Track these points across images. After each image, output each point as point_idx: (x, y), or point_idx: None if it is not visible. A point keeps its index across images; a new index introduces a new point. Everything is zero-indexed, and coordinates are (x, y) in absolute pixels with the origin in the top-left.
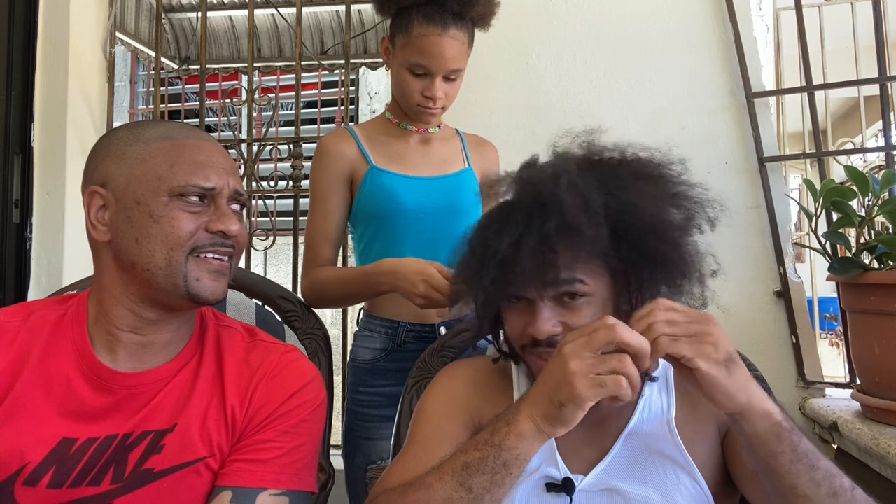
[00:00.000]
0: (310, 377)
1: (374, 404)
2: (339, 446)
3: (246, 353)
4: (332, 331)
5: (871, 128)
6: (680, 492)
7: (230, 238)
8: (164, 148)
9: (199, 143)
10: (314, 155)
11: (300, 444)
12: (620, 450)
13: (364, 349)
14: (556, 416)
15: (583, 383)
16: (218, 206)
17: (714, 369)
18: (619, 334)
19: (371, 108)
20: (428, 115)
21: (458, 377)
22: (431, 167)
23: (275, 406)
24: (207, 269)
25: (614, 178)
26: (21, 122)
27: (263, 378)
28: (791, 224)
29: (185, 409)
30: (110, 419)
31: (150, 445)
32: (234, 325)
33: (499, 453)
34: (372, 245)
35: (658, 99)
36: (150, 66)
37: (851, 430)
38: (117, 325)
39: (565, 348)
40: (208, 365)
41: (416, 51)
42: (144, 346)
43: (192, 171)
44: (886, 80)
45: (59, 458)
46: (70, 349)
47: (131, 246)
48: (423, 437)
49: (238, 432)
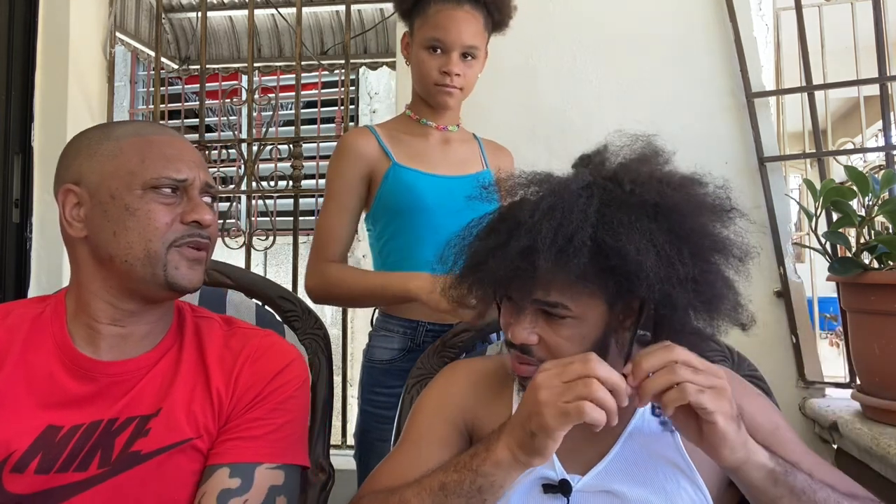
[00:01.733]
0: (292, 356)
1: (390, 405)
2: (339, 446)
3: (226, 340)
4: (332, 331)
5: (871, 128)
6: (680, 495)
7: (205, 228)
8: (134, 144)
9: (168, 138)
10: (334, 150)
11: (289, 420)
12: (620, 451)
13: (381, 349)
14: (529, 446)
15: (549, 412)
16: (191, 198)
17: (729, 425)
18: (594, 369)
19: (371, 108)
20: (445, 94)
21: (455, 377)
22: (452, 167)
23: (261, 386)
24: (186, 257)
25: (621, 210)
26: (21, 122)
27: (247, 361)
28: (791, 224)
29: (168, 395)
30: (94, 405)
31: (135, 430)
32: (211, 317)
33: (475, 478)
34: (392, 242)
35: (658, 99)
36: (150, 66)
37: (851, 430)
38: (97, 318)
39: (538, 377)
40: (189, 352)
41: (433, 26)
42: (124, 338)
43: (164, 164)
44: (886, 80)
45: (45, 444)
46: (50, 343)
47: (109, 239)
48: (415, 435)
49: (225, 414)
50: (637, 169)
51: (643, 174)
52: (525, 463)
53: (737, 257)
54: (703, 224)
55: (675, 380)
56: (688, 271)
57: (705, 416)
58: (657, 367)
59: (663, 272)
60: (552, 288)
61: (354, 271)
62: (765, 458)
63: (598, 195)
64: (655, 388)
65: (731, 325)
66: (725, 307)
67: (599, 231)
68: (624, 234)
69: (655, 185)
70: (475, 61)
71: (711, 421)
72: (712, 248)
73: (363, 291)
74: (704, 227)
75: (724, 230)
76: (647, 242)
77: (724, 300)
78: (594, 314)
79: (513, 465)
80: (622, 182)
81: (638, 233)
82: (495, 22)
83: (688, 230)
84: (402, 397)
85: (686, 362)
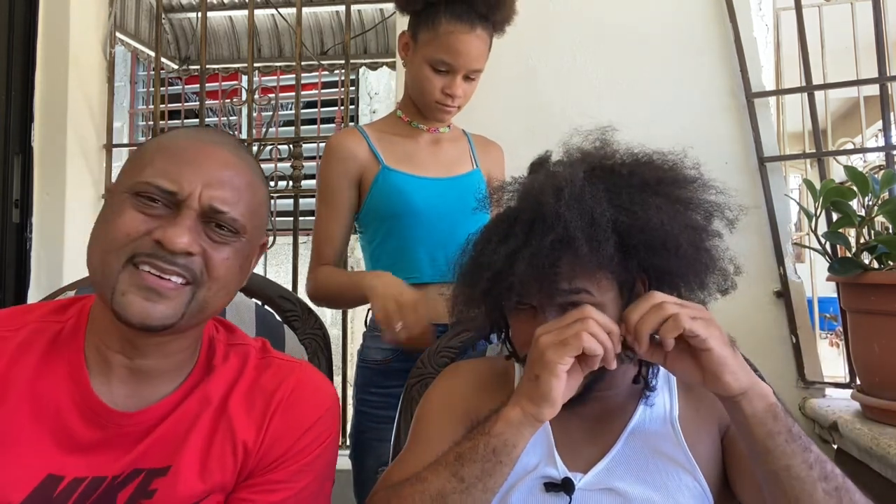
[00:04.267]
0: (327, 405)
1: (385, 405)
2: (339, 446)
3: (257, 374)
4: (332, 331)
5: (871, 128)
6: (682, 493)
7: (176, 255)
8: (163, 146)
9: (200, 145)
10: (323, 153)
11: (312, 479)
12: (622, 449)
13: (374, 350)
14: (534, 392)
15: (549, 349)
16: (178, 216)
17: (724, 349)
18: (590, 312)
19: (371, 108)
20: (444, 112)
21: (459, 378)
22: (442, 168)
23: (290, 443)
24: (138, 283)
25: (626, 190)
26: (21, 122)
27: (279, 407)
28: (791, 224)
29: (183, 447)
30: (100, 456)
31: (139, 487)
32: (246, 343)
33: (488, 440)
34: (384, 246)
35: (658, 99)
36: (150, 66)
37: (851, 430)
38: (107, 342)
39: (539, 329)
40: (216, 395)
41: (443, 47)
42: (135, 374)
43: (164, 170)
44: (886, 80)
45: (42, 499)
46: (64, 373)
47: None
48: (423, 437)
49: (249, 468)
50: (622, 152)
51: (629, 156)
52: (535, 415)
53: (729, 219)
54: (695, 188)
55: (665, 314)
56: (700, 239)
57: (700, 344)
58: (645, 310)
59: (686, 240)
60: (575, 277)
61: (334, 272)
62: (768, 391)
63: (600, 181)
64: (650, 327)
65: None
66: (718, 273)
67: (615, 213)
68: (640, 210)
69: (644, 163)
70: (477, 76)
71: (707, 348)
72: (710, 212)
73: (336, 291)
74: (696, 191)
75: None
76: (664, 215)
77: (721, 263)
78: (609, 298)
79: (523, 420)
80: (616, 167)
81: (653, 208)
82: (497, 31)
83: (687, 198)
84: (403, 397)
85: (671, 301)
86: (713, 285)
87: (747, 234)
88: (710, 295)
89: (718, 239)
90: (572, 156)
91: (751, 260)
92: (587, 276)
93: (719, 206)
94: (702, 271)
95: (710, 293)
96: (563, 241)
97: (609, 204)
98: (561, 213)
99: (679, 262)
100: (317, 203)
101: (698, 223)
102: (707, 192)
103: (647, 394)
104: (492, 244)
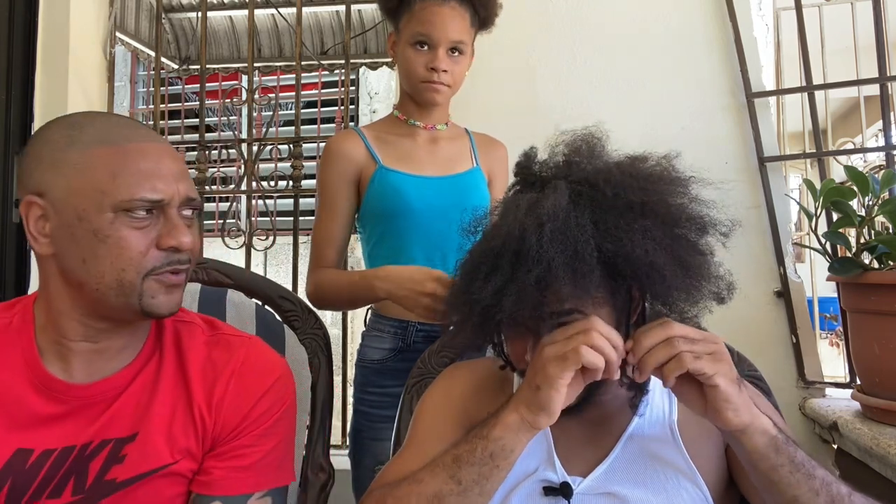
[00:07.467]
0: (278, 372)
1: (383, 405)
2: (339, 446)
3: (208, 349)
4: (332, 331)
5: (871, 128)
6: (681, 497)
7: (184, 252)
8: (103, 156)
9: (142, 145)
10: (322, 155)
11: (278, 442)
12: (621, 453)
13: (372, 349)
14: (534, 401)
15: (550, 362)
16: (168, 218)
17: (730, 387)
18: (593, 324)
19: (371, 108)
20: (433, 91)
21: (458, 379)
22: (439, 167)
23: (247, 409)
24: (163, 284)
25: (612, 213)
26: (21, 122)
27: (232, 378)
28: (791, 224)
29: (146, 416)
30: (66, 428)
31: (110, 454)
32: (192, 319)
33: (486, 445)
34: (381, 245)
35: (658, 99)
36: (150, 66)
37: (851, 430)
38: (67, 335)
39: (543, 339)
40: (169, 365)
41: (418, 22)
42: (98, 353)
43: (138, 182)
44: (886, 80)
45: (14, 471)
46: (19, 360)
47: (79, 266)
48: (420, 437)
49: (210, 438)
50: (607, 168)
51: (614, 173)
52: (532, 422)
53: (723, 234)
54: (683, 205)
55: (673, 352)
56: (691, 258)
57: (706, 380)
58: (656, 342)
59: (673, 266)
60: (564, 301)
61: (336, 273)
62: (769, 424)
63: (586, 205)
64: (656, 361)
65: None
66: (712, 287)
67: (600, 240)
68: (625, 237)
69: (629, 181)
70: (462, 57)
71: (713, 384)
72: (702, 228)
73: (339, 292)
74: (685, 207)
75: (705, 209)
76: (649, 241)
77: (718, 280)
78: (604, 312)
79: (521, 426)
80: (601, 187)
81: (638, 233)
82: (481, 19)
83: (675, 216)
84: (403, 397)
85: (683, 336)
86: (707, 298)
87: (747, 234)
88: (705, 308)
89: (712, 254)
90: (557, 159)
91: (751, 260)
92: (577, 299)
93: (713, 221)
94: (693, 292)
95: (704, 306)
96: (547, 277)
97: (595, 229)
98: (543, 251)
99: (666, 288)
100: (316, 206)
101: (688, 242)
102: (699, 204)
103: (641, 399)
104: (479, 280)
